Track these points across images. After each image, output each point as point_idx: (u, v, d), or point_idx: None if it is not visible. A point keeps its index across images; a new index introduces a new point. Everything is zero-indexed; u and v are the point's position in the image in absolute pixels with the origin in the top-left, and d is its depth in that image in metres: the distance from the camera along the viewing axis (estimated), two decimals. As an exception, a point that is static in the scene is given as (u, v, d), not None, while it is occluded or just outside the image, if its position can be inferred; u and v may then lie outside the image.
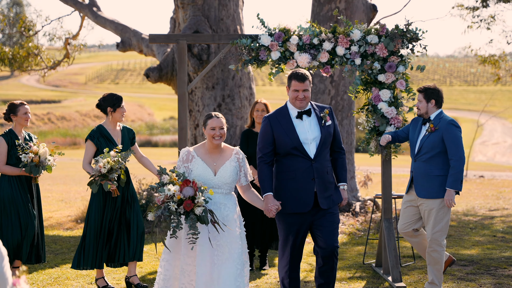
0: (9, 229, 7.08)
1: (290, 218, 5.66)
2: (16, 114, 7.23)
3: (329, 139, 5.72)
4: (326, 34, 7.39)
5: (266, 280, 7.48)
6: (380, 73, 7.42)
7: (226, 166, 5.49)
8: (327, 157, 5.74)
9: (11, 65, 15.97)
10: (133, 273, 7.05)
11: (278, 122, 5.67)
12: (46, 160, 7.13)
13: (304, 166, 5.61)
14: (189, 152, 5.53)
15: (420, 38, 7.39)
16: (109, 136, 6.99)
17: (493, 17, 15.52)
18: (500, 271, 7.71)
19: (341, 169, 5.85)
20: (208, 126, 5.52)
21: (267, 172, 5.66)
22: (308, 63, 7.42)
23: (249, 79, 11.72)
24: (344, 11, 11.33)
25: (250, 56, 7.52)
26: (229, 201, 5.51)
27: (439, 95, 6.73)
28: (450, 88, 74.89)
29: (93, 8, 13.62)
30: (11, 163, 7.15)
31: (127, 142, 7.08)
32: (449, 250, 8.93)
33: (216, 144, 5.50)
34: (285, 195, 5.63)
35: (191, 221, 5.13)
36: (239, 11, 11.61)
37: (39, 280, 7.47)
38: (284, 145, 5.61)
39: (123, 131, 7.11)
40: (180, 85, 7.74)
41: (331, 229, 5.67)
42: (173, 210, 5.14)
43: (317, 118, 5.72)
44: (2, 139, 7.13)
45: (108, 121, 7.05)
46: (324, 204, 5.65)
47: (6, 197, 7.10)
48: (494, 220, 11.63)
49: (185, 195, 5.16)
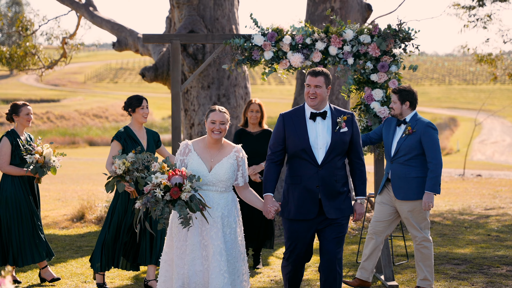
0: (12, 229, 7.10)
1: (295, 224, 5.44)
2: (18, 114, 7.26)
3: (341, 147, 5.40)
4: (319, 34, 7.42)
5: (259, 279, 7.51)
6: (373, 73, 7.45)
7: (222, 163, 5.32)
8: (338, 165, 5.41)
9: (9, 64, 16.01)
10: (152, 277, 6.98)
11: (291, 121, 5.44)
12: (51, 161, 7.16)
13: (309, 172, 5.37)
14: (187, 145, 5.40)
15: (412, 37, 7.42)
16: (135, 137, 6.97)
17: (489, 16, 15.53)
18: (492, 270, 7.74)
19: (358, 182, 5.53)
20: (209, 118, 5.36)
21: (273, 171, 5.46)
22: (301, 62, 7.45)
23: (244, 79, 11.75)
24: (339, 10, 11.36)
25: (243, 56, 7.56)
26: (223, 200, 5.32)
27: (414, 97, 6.75)
28: (449, 87, 74.94)
29: (90, 7, 13.65)
30: (14, 163, 7.18)
31: (152, 145, 7.06)
32: (443, 249, 8.97)
33: (215, 138, 5.33)
34: (291, 200, 5.43)
35: (179, 207, 5.01)
36: (235, 11, 11.63)
37: (34, 279, 7.50)
38: (293, 146, 5.39)
39: (148, 134, 7.09)
40: (173, 85, 7.77)
41: (335, 239, 5.42)
42: (159, 197, 5.01)
43: (333, 122, 5.43)
44: (6, 139, 7.15)
45: (133, 122, 7.04)
46: (331, 213, 5.39)
47: (9, 196, 7.12)
48: (489, 219, 11.66)
49: (172, 182, 5.04)
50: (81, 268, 7.99)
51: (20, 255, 7.13)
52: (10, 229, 7.12)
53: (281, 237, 9.87)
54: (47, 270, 7.31)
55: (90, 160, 30.37)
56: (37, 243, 7.20)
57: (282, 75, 7.76)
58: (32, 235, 7.19)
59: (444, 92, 72.17)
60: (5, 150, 7.12)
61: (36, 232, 7.21)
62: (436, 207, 13.09)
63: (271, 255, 8.82)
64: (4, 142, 7.14)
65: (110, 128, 51.04)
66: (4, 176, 7.23)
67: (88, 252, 8.91)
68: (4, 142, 7.14)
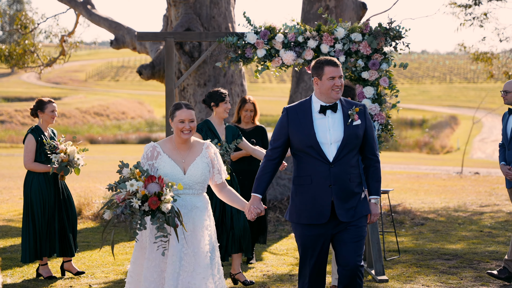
0: (35, 224, 7.21)
1: (306, 230, 4.96)
2: (43, 111, 7.36)
3: (355, 142, 4.93)
4: (311, 32, 7.53)
5: (252, 274, 7.61)
6: (364, 71, 7.55)
7: (196, 163, 4.93)
8: (352, 162, 4.94)
9: (8, 62, 16.14)
10: (238, 270, 7.08)
11: (296, 115, 4.97)
12: (75, 159, 7.27)
13: (321, 170, 4.88)
14: (154, 147, 4.92)
15: (403, 36, 7.53)
16: (215, 130, 7.04)
17: (485, 15, 15.63)
18: (482, 265, 7.85)
19: (372, 180, 5.07)
20: (176, 118, 4.90)
21: (268, 170, 5.02)
22: (293, 60, 7.56)
23: (240, 76, 11.86)
24: (334, 9, 11.46)
25: (236, 54, 7.67)
26: (200, 203, 4.96)
27: (354, 94, 6.86)
28: (450, 85, 74.99)
29: (88, 6, 13.77)
30: (39, 160, 7.28)
31: (229, 140, 7.09)
32: (435, 245, 9.07)
33: (184, 138, 4.91)
34: (300, 203, 4.96)
35: (159, 222, 4.52)
36: (231, 9, 11.74)
37: (29, 273, 7.61)
38: (299, 143, 4.92)
39: (227, 129, 7.14)
40: (168, 82, 7.88)
41: (354, 245, 4.92)
42: (136, 207, 4.49)
43: (344, 115, 4.96)
44: (31, 136, 7.25)
45: (213, 116, 7.10)
46: (343, 216, 4.90)
47: (33, 193, 7.23)
48: (483, 216, 11.76)
49: (150, 191, 4.53)
50: (76, 263, 8.10)
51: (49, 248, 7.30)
52: (41, 223, 7.23)
53: (275, 233, 9.98)
54: (46, 268, 7.42)
55: (90, 158, 30.49)
56: (51, 238, 7.32)
57: (274, 73, 7.87)
58: (52, 230, 7.30)
59: (445, 90, 72.24)
60: (30, 147, 7.22)
61: (50, 228, 7.30)
62: (432, 204, 13.20)
63: (264, 250, 8.93)
64: (30, 139, 7.23)
65: (111, 126, 51.21)
66: (28, 172, 7.34)
67: (85, 248, 9.02)
68: (30, 139, 7.23)
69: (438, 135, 45.92)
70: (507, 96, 7.04)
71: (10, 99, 59.03)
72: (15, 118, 51.01)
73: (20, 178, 19.19)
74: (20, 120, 50.80)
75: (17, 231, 10.32)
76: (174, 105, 4.97)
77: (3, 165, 24.69)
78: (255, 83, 71.46)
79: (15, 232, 10.30)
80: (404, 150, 40.86)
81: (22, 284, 7.17)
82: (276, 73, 7.87)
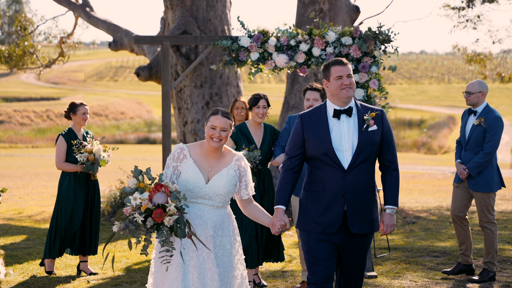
0: (62, 220, 7.51)
1: (314, 238, 4.73)
2: (75, 113, 7.69)
3: (370, 149, 4.67)
4: (303, 36, 7.76)
5: (245, 270, 7.81)
6: (354, 73, 7.77)
7: (222, 174, 4.65)
8: (368, 171, 4.70)
9: (7, 63, 16.36)
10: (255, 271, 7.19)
11: (310, 121, 4.74)
12: (101, 157, 7.56)
13: (334, 177, 4.65)
14: (182, 149, 4.68)
15: (392, 39, 7.76)
16: (249, 135, 7.18)
17: (479, 17, 15.85)
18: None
19: (389, 188, 4.79)
20: (209, 123, 4.66)
21: (289, 180, 4.76)
22: (286, 63, 7.79)
23: (236, 78, 12.08)
24: (328, 12, 11.69)
25: (230, 57, 7.91)
26: (218, 217, 4.67)
27: None
28: (449, 85, 75.21)
29: (86, 8, 13.98)
30: (71, 160, 7.60)
31: (268, 142, 7.21)
32: (425, 243, 9.30)
33: (213, 146, 4.64)
34: (310, 211, 4.74)
35: (163, 236, 4.33)
36: (227, 12, 11.97)
37: (29, 270, 7.82)
38: (314, 149, 4.69)
39: (265, 131, 7.24)
40: (164, 84, 8.11)
41: (359, 259, 4.80)
42: (140, 223, 4.31)
43: (359, 120, 4.72)
44: (62, 138, 7.60)
45: (250, 120, 7.29)
46: (355, 227, 4.67)
47: (63, 191, 7.56)
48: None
49: (154, 203, 4.35)
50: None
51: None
52: (68, 221, 7.51)
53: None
54: (51, 262, 7.66)
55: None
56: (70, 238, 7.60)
57: (267, 75, 8.10)
58: (76, 229, 7.57)
59: (443, 90, 72.48)
60: (61, 149, 7.57)
61: (75, 226, 7.56)
62: (425, 204, 13.43)
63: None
64: (60, 141, 7.60)
65: (109, 126, 51.42)
66: (62, 172, 7.67)
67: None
68: (60, 141, 7.60)
69: (436, 135, 46.14)
70: (469, 97, 7.35)
71: (9, 99, 59.21)
72: (13, 118, 51.23)
73: (19, 178, 19.42)
74: (19, 120, 51.03)
75: (17, 230, 10.55)
76: (212, 110, 4.73)
77: (3, 165, 24.91)
78: (253, 83, 71.69)
79: (15, 230, 10.52)
80: (402, 150, 41.09)
81: (22, 280, 7.38)
82: (270, 75, 8.09)
